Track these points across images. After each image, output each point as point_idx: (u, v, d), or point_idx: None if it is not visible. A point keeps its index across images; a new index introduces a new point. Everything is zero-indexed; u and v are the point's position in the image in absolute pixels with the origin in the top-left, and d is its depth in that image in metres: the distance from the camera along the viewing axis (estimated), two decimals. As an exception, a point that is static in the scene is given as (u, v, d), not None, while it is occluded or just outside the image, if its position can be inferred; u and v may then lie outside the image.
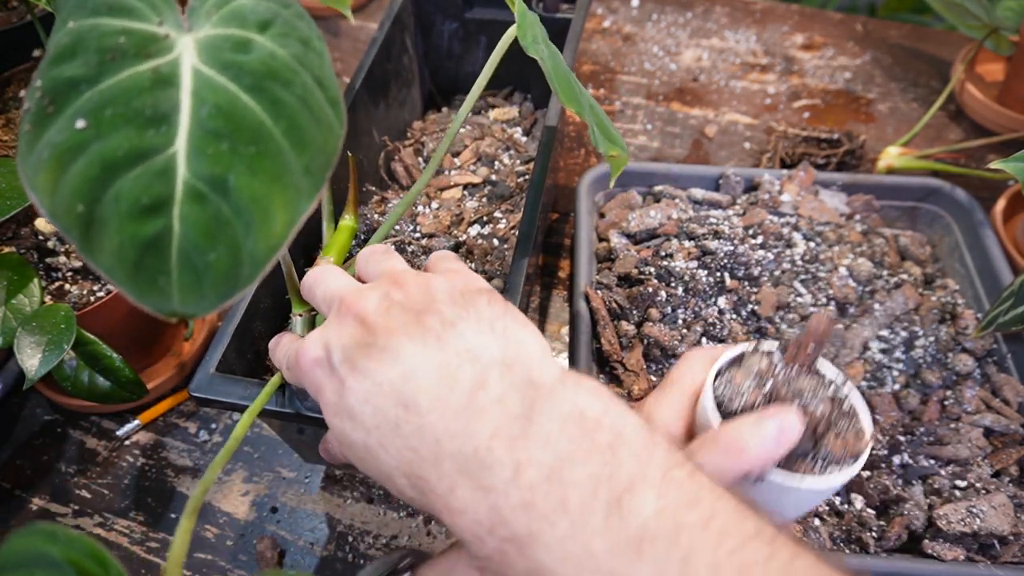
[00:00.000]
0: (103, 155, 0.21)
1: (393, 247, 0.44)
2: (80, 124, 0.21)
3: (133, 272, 0.21)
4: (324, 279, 0.34)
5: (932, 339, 0.53)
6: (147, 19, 0.23)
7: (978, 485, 0.46)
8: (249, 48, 0.24)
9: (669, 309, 0.53)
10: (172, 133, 0.21)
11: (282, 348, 0.36)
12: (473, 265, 0.51)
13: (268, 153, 0.23)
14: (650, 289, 0.52)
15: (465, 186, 0.58)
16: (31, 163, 0.21)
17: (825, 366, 0.33)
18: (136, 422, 0.56)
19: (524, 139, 0.64)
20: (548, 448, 0.25)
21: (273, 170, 0.23)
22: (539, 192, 0.50)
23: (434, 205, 0.57)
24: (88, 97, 0.21)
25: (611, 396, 0.27)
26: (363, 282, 0.34)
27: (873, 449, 0.49)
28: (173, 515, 0.52)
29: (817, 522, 0.45)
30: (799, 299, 0.55)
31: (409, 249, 0.52)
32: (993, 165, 0.48)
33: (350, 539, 0.50)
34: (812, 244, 0.58)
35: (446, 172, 0.60)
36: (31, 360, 0.45)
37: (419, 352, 0.28)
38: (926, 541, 0.44)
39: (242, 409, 0.40)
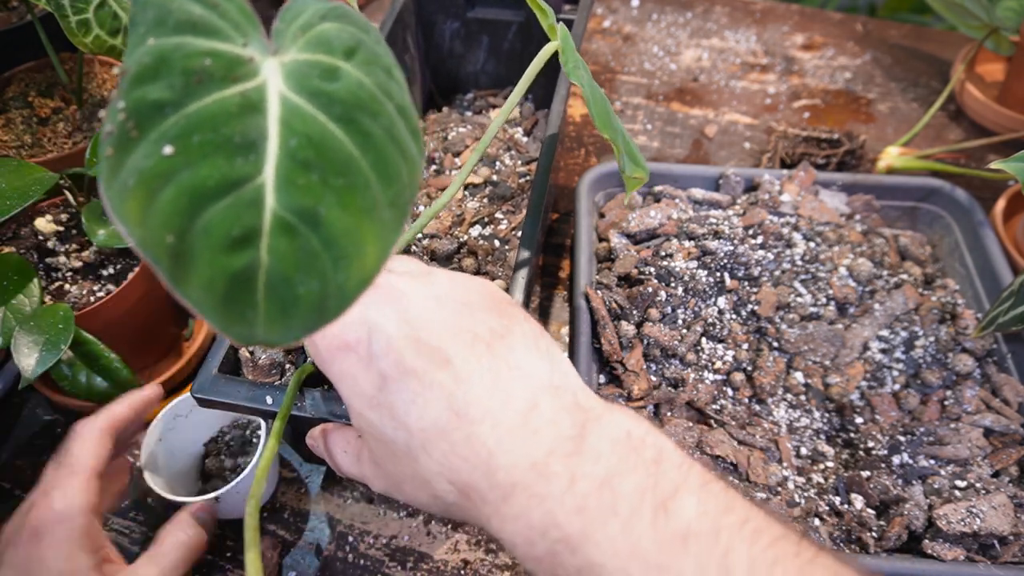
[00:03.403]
0: (193, 184, 0.20)
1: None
2: (167, 150, 0.20)
3: (221, 305, 0.20)
4: None
5: (932, 339, 0.53)
6: (232, 40, 0.22)
7: (978, 485, 0.46)
8: (337, 76, 0.23)
9: (669, 309, 0.53)
10: (260, 162, 0.21)
11: None
12: (476, 265, 0.51)
13: (358, 186, 0.22)
14: (650, 289, 0.52)
15: (466, 186, 0.58)
16: (116, 190, 0.20)
17: None
18: (136, 422, 0.56)
19: (525, 139, 0.64)
20: (600, 463, 0.27)
21: (363, 203, 0.22)
22: (542, 193, 0.50)
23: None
24: (174, 121, 0.20)
25: (648, 422, 0.30)
26: None
27: (873, 449, 0.49)
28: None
29: (817, 522, 0.45)
30: (799, 299, 0.55)
31: (413, 250, 0.52)
32: (993, 165, 0.48)
33: (350, 539, 0.50)
34: (812, 244, 0.58)
35: (447, 172, 0.60)
36: (27, 359, 0.45)
37: (470, 358, 0.29)
38: (926, 541, 0.44)
39: (244, 410, 0.40)
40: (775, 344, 0.53)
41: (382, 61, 0.25)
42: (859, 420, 0.50)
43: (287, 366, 0.44)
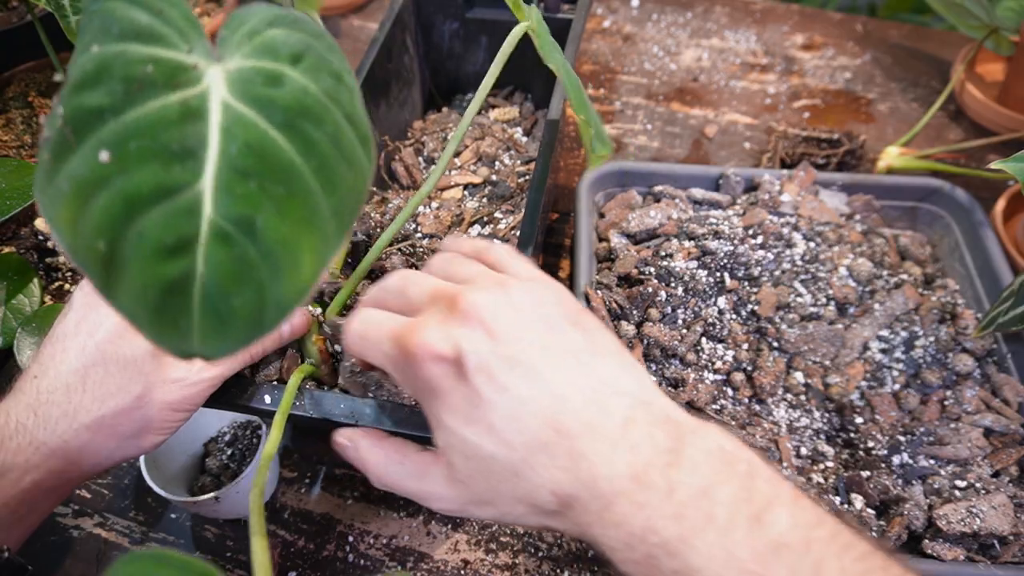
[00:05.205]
0: (127, 191, 0.20)
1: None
2: (104, 157, 0.20)
3: (155, 315, 0.20)
4: (411, 279, 0.34)
5: (932, 339, 0.53)
6: (176, 47, 0.22)
7: (978, 485, 0.46)
8: (281, 82, 0.23)
9: (669, 309, 0.53)
10: (199, 170, 0.20)
11: (370, 320, 0.33)
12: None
13: (298, 194, 0.22)
14: (650, 289, 0.52)
15: (465, 186, 0.59)
16: (50, 195, 0.20)
17: None
18: (136, 422, 0.56)
19: (525, 139, 0.64)
20: (696, 474, 0.28)
21: (303, 212, 0.22)
22: (541, 192, 0.50)
23: (434, 205, 0.57)
24: (112, 128, 0.20)
25: (737, 438, 0.31)
26: None
27: (873, 449, 0.49)
28: (173, 515, 0.52)
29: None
30: (799, 299, 0.55)
31: (414, 250, 0.52)
32: (993, 165, 0.48)
33: (350, 539, 0.50)
34: (812, 244, 0.58)
35: (446, 172, 0.60)
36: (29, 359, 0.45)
37: (562, 375, 0.30)
38: (926, 541, 0.44)
39: (244, 410, 0.40)
40: (775, 344, 0.53)
41: (331, 67, 0.24)
42: (859, 420, 0.50)
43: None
